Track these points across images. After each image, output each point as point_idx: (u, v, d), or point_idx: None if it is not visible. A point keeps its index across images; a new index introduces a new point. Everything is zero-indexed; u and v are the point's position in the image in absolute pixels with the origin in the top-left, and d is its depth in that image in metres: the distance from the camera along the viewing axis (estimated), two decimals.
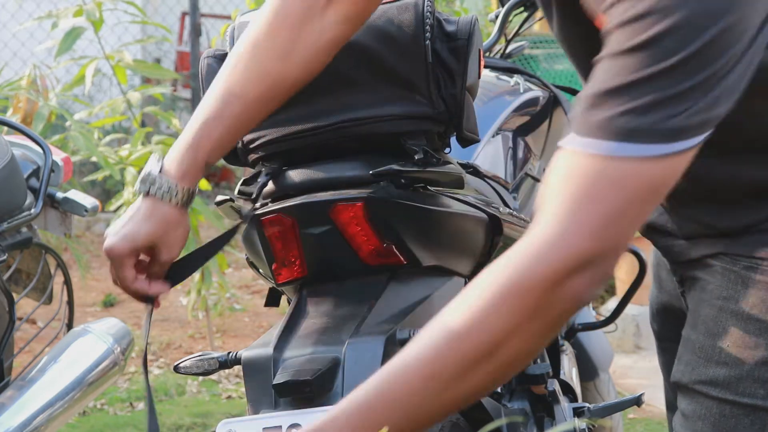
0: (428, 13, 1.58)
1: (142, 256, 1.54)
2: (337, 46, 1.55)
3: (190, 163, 1.51)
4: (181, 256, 1.58)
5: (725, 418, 1.40)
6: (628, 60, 1.15)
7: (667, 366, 1.67)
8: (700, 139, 1.18)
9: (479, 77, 1.66)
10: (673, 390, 1.53)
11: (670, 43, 1.14)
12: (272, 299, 1.80)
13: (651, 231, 1.58)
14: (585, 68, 1.41)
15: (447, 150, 1.69)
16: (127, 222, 1.52)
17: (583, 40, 1.39)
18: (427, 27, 1.58)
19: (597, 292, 1.20)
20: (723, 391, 1.40)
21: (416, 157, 1.58)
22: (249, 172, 1.72)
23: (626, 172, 1.16)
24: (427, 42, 1.58)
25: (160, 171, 1.51)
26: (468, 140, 1.68)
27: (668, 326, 1.66)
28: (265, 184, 1.61)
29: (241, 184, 1.66)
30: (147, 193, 1.51)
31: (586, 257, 1.16)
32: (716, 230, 1.43)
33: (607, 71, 1.17)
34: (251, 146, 1.62)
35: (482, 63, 1.66)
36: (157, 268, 1.55)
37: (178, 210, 1.52)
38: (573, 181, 1.16)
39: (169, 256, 1.54)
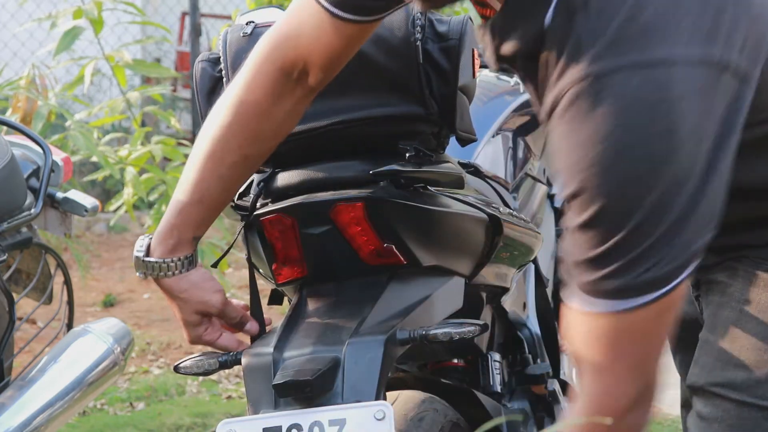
0: (419, 14, 1.58)
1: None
2: (299, 116, 1.58)
3: (175, 242, 1.57)
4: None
5: (744, 420, 1.40)
6: (584, 235, 1.21)
7: (681, 365, 1.67)
8: (689, 270, 1.22)
9: (474, 77, 1.65)
10: (689, 391, 1.53)
11: (606, 224, 1.19)
12: (275, 298, 1.80)
13: None
14: None
15: (442, 150, 1.69)
16: (174, 313, 1.60)
17: None
18: (418, 27, 1.58)
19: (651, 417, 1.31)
20: (741, 394, 1.40)
21: (407, 156, 1.58)
22: None
23: (631, 323, 1.23)
24: (418, 42, 1.58)
25: (147, 254, 1.56)
26: (465, 140, 1.68)
27: (681, 330, 1.66)
28: (259, 194, 1.61)
29: (237, 198, 1.65)
30: (150, 276, 1.57)
31: (633, 401, 1.27)
32: (739, 246, 1.44)
33: (575, 243, 1.23)
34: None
35: (477, 62, 1.66)
36: (227, 322, 1.61)
37: (185, 276, 1.57)
38: (595, 342, 1.26)
39: (218, 307, 1.59)
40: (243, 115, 1.54)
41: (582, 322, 1.26)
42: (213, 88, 1.66)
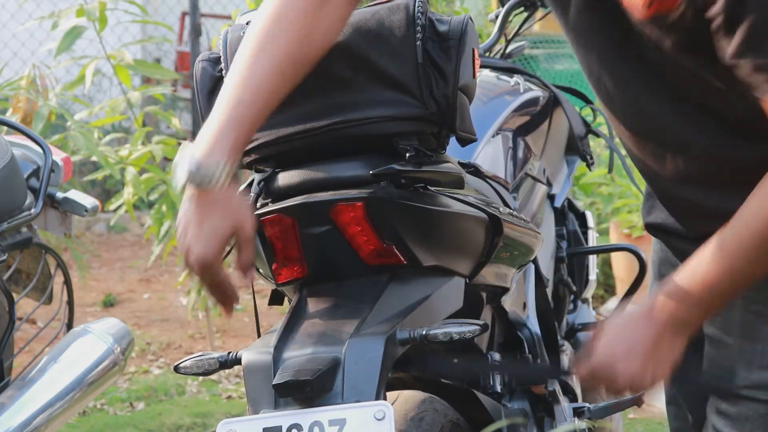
0: (419, 14, 1.58)
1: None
2: (345, 21, 1.56)
3: (232, 144, 1.48)
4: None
5: None
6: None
7: None
8: None
9: (474, 77, 1.65)
10: (678, 385, 1.55)
11: None
12: (276, 298, 1.80)
13: (662, 232, 1.59)
14: (598, 58, 1.42)
15: (442, 150, 1.68)
16: (197, 225, 1.49)
17: (604, 24, 1.42)
18: (418, 27, 1.58)
19: None
20: None
21: (407, 156, 1.58)
22: (247, 174, 1.72)
23: None
24: (418, 42, 1.58)
25: (198, 162, 1.47)
26: (465, 140, 1.67)
27: None
28: (259, 194, 1.61)
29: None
30: (197, 187, 1.48)
31: None
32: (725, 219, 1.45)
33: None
34: (245, 149, 1.62)
35: (478, 62, 1.65)
36: (243, 257, 1.53)
37: (229, 191, 1.49)
38: None
39: (248, 235, 1.52)
40: (289, 13, 1.52)
41: None
42: (213, 87, 1.66)
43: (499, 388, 1.94)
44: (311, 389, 1.43)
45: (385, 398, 1.47)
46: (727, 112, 1.40)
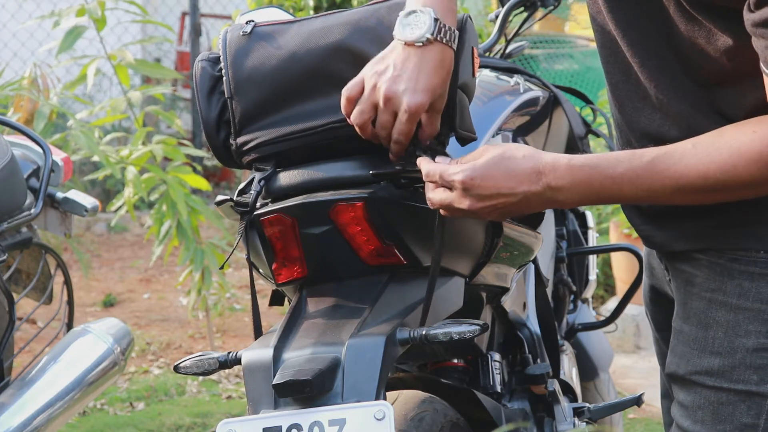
0: None
1: None
2: None
3: (452, 18, 1.53)
4: (182, 253, 1.57)
5: (723, 405, 1.46)
6: None
7: (663, 356, 1.71)
8: None
9: (474, 75, 1.65)
10: (669, 380, 1.57)
11: None
12: (276, 299, 1.80)
13: (631, 214, 1.60)
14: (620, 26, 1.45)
15: (442, 150, 1.68)
16: (417, 75, 1.51)
17: None
18: None
19: None
20: (719, 380, 1.46)
21: (407, 156, 1.58)
22: (247, 173, 1.72)
23: None
24: None
25: (435, 14, 1.50)
26: (465, 139, 1.67)
27: (661, 311, 1.70)
28: (259, 193, 1.61)
29: (237, 195, 1.65)
30: (433, 40, 1.50)
31: None
32: (702, 233, 1.47)
33: None
34: (244, 148, 1.62)
35: (477, 61, 1.65)
36: (427, 130, 1.56)
37: (448, 57, 1.53)
38: None
39: (443, 102, 1.55)
40: None
41: None
42: (213, 87, 1.66)
43: (499, 388, 1.94)
44: (311, 389, 1.43)
45: (385, 398, 1.47)
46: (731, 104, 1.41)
